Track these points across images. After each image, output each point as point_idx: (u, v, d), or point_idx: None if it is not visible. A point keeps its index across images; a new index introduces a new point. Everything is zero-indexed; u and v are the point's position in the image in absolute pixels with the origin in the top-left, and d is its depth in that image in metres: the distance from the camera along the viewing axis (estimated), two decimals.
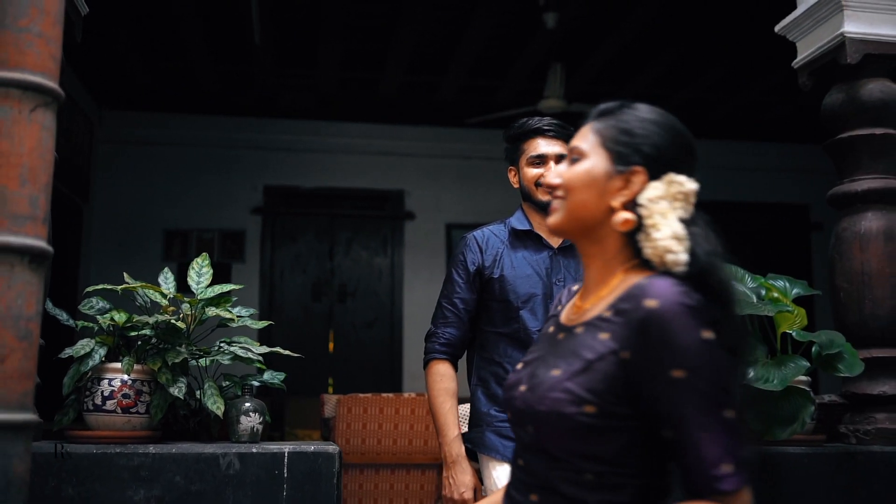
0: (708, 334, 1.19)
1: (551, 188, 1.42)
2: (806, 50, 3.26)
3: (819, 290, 3.15)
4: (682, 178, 1.32)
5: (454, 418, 2.52)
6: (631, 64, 6.65)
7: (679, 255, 1.28)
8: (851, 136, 3.10)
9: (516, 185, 2.63)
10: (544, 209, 2.48)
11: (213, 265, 3.04)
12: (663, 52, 6.38)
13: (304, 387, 6.39)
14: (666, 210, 1.31)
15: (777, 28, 3.38)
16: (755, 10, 5.52)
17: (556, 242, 2.58)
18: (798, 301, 2.93)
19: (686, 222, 1.31)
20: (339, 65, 6.64)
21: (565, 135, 2.52)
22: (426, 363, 2.58)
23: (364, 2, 5.72)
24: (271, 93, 7.26)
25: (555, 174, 1.42)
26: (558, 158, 2.51)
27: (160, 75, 6.89)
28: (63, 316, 2.77)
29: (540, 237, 2.59)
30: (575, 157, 1.40)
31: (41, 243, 1.47)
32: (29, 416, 1.43)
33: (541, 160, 2.54)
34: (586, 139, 1.40)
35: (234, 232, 7.24)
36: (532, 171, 2.56)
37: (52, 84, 1.50)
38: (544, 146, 2.54)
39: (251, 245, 7.26)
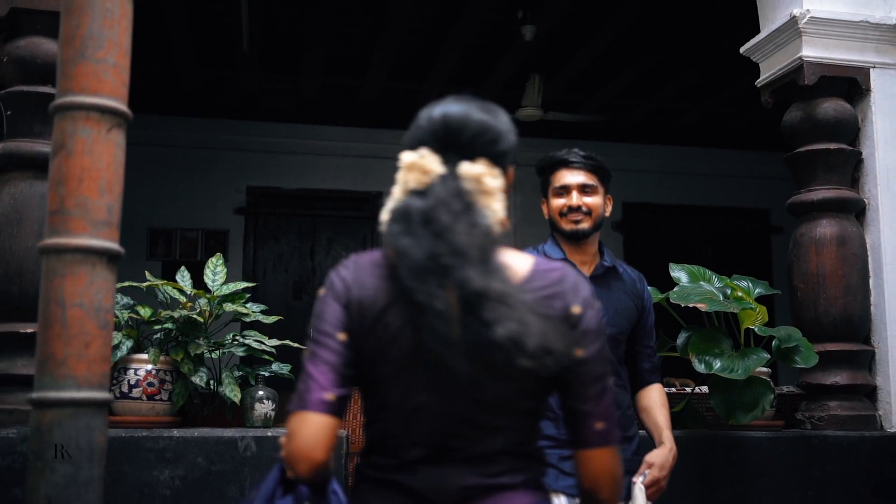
0: (321, 292, 1.46)
1: None
2: (768, 71, 3.56)
3: (779, 290, 3.45)
4: (401, 155, 1.42)
5: None
6: (603, 73, 6.95)
7: (383, 226, 1.40)
8: (808, 151, 3.40)
9: (547, 217, 2.62)
10: (569, 238, 2.54)
11: (196, 264, 3.25)
12: (633, 63, 6.67)
13: (288, 383, 6.58)
14: (394, 189, 1.42)
15: (742, 50, 3.68)
16: (720, 26, 5.85)
17: (588, 271, 2.56)
18: (759, 299, 3.21)
19: (414, 193, 1.39)
20: (323, 70, 6.85)
21: (589, 165, 2.54)
22: None
23: (349, 11, 5.95)
24: (254, 96, 7.45)
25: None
26: (581, 188, 2.52)
27: (145, 77, 7.05)
28: None
29: (573, 265, 2.53)
30: None
31: (115, 245, 1.70)
32: (107, 395, 1.65)
33: (564, 190, 2.54)
34: None
35: (218, 231, 7.41)
36: (556, 202, 2.56)
37: (124, 107, 1.73)
38: (568, 176, 2.54)
39: (234, 244, 7.44)
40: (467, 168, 1.39)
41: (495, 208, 1.39)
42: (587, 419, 1.38)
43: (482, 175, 1.39)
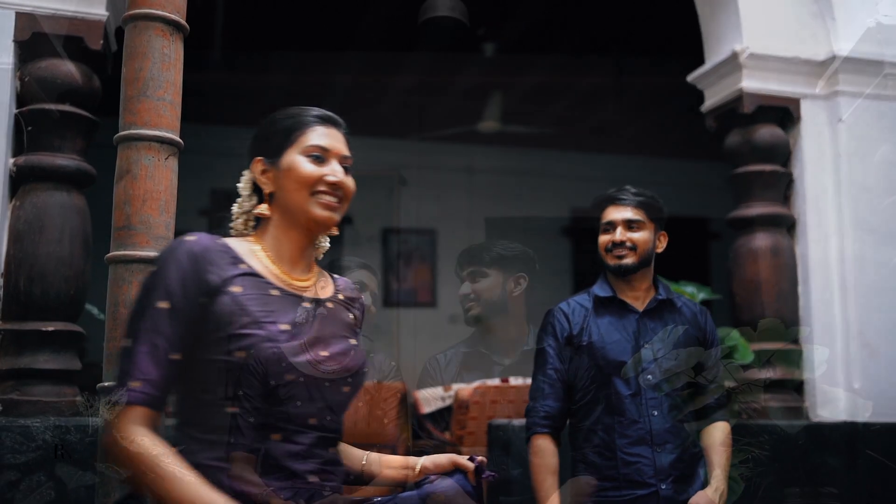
0: None
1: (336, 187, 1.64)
2: (711, 98, 3.94)
3: (719, 295, 3.83)
4: None
5: (555, 496, 2.46)
6: (556, 88, 7.33)
7: None
8: (747, 171, 3.78)
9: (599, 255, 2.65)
10: (615, 273, 2.58)
11: None
12: (585, 78, 7.07)
13: None
14: None
15: (689, 78, 4.06)
16: (665, 48, 6.28)
17: (640, 306, 2.57)
18: (702, 303, 3.59)
19: None
20: (290, 79, 7.10)
21: (637, 201, 2.58)
22: (528, 438, 2.54)
23: (317, 23, 6.21)
24: (219, 100, 7.64)
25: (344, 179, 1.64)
26: (627, 223, 2.56)
27: (114, 81, 7.19)
28: (95, 311, 3.23)
29: (624, 302, 2.57)
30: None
31: None
32: None
33: (610, 226, 2.58)
34: None
35: (182, 232, 7.58)
36: (603, 238, 2.59)
37: (178, 138, 2.02)
38: (614, 213, 2.59)
39: None
40: None
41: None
42: None
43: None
